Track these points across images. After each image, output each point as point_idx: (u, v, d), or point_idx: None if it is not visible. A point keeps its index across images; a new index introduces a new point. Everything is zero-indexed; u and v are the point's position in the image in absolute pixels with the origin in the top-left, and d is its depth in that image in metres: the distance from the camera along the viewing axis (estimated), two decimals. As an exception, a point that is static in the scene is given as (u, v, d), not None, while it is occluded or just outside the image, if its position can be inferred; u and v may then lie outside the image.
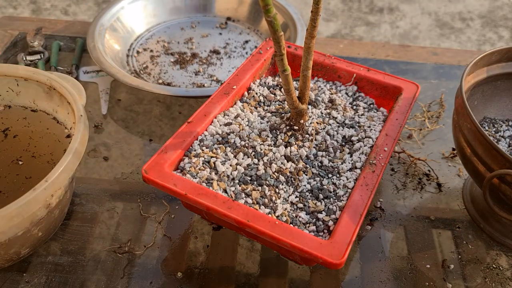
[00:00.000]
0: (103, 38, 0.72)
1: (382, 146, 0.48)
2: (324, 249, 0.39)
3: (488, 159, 0.45)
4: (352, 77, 0.58)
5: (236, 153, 0.49)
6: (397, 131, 0.50)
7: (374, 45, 0.81)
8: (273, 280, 0.48)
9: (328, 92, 0.58)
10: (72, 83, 0.53)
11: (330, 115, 0.55)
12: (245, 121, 0.53)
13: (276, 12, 0.39)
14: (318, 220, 0.44)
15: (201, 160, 0.48)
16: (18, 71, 0.53)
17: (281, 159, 0.48)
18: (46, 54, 0.74)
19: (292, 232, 0.40)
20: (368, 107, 0.57)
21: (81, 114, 0.48)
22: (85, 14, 1.74)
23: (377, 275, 0.49)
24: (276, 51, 0.43)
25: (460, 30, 1.76)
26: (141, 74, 0.72)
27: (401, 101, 0.54)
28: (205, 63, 0.75)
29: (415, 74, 0.75)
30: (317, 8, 0.42)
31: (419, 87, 0.56)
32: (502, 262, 0.51)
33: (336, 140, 0.51)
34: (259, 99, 0.57)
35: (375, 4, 1.82)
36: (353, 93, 0.58)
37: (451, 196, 0.57)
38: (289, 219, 0.44)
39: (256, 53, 0.60)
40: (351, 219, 0.41)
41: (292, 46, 0.62)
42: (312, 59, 0.47)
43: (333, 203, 0.45)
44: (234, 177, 0.46)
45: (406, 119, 0.52)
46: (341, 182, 0.47)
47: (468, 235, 0.53)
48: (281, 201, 0.45)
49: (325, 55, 0.60)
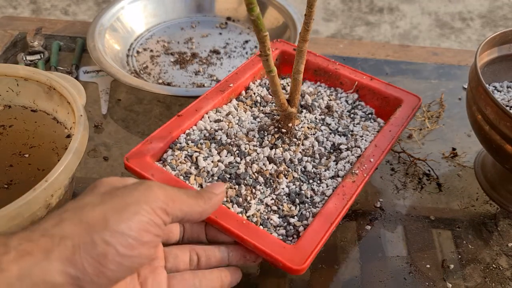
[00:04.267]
0: (103, 38, 0.72)
1: (369, 157, 0.48)
2: (286, 254, 0.38)
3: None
4: (354, 84, 0.58)
5: (220, 150, 0.49)
6: (388, 143, 0.49)
7: (374, 45, 0.81)
8: (273, 280, 0.48)
9: (326, 98, 0.57)
10: (72, 83, 0.53)
11: (324, 121, 0.54)
12: (236, 119, 0.53)
13: (259, 12, 0.39)
14: (289, 224, 0.43)
15: (184, 153, 0.48)
16: (18, 71, 0.53)
17: (263, 160, 0.48)
18: (46, 54, 0.74)
19: (257, 233, 0.40)
20: (366, 116, 0.56)
21: (81, 114, 0.48)
22: (85, 14, 1.74)
23: (377, 275, 0.49)
24: (261, 51, 0.42)
25: (460, 30, 1.76)
26: (141, 74, 0.72)
27: (398, 113, 0.53)
28: (205, 63, 0.75)
29: (415, 74, 0.75)
30: (310, 12, 0.42)
31: (421, 100, 0.54)
32: (502, 262, 0.51)
33: (325, 146, 0.51)
34: (256, 99, 0.57)
35: (375, 4, 1.82)
36: (353, 101, 0.57)
37: (451, 196, 0.57)
38: (259, 220, 0.43)
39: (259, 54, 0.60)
40: (321, 226, 0.41)
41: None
42: (304, 62, 0.46)
43: (307, 209, 0.44)
44: (213, 174, 0.47)
45: (400, 131, 0.51)
46: (320, 189, 0.46)
47: (468, 235, 0.53)
48: (255, 202, 0.45)
49: (329, 61, 0.60)
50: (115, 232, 0.27)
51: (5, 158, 0.52)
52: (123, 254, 0.27)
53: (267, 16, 0.81)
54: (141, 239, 0.28)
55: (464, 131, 0.66)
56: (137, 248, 0.28)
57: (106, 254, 0.26)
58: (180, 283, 0.36)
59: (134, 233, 0.28)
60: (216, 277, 0.38)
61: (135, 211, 0.29)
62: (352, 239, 0.52)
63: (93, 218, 0.27)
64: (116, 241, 0.27)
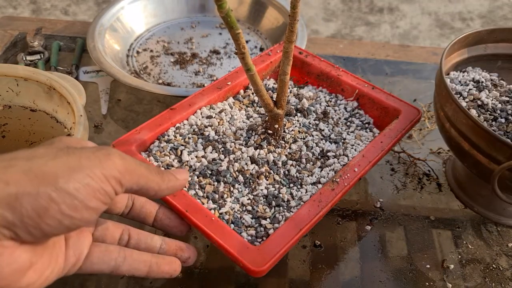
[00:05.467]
0: (103, 38, 0.72)
1: (353, 166, 0.46)
2: (248, 254, 0.38)
3: (492, 152, 0.45)
4: (354, 92, 0.57)
5: (206, 146, 0.49)
6: (377, 154, 0.47)
7: (374, 45, 0.81)
8: (273, 280, 0.48)
9: (324, 103, 0.57)
10: (72, 83, 0.53)
11: (317, 127, 0.53)
12: (228, 117, 0.53)
13: (229, 8, 0.38)
14: (260, 226, 0.43)
15: (170, 146, 0.49)
16: (18, 71, 0.53)
17: (246, 159, 0.48)
18: (46, 54, 0.74)
19: (224, 231, 0.40)
20: (362, 125, 0.55)
21: (81, 114, 0.48)
22: (85, 14, 1.74)
23: (377, 275, 0.49)
24: (236, 49, 0.42)
25: (460, 30, 1.76)
26: (141, 74, 0.72)
27: (394, 125, 0.51)
28: (205, 63, 0.75)
29: (415, 74, 0.75)
30: (294, 13, 0.41)
31: (421, 113, 0.52)
32: (502, 262, 0.51)
33: (313, 152, 0.50)
34: (254, 99, 0.57)
35: (375, 4, 1.82)
36: (352, 109, 0.56)
37: (451, 196, 0.57)
38: (231, 218, 0.43)
39: (265, 54, 0.60)
40: (289, 231, 0.40)
41: (304, 52, 0.61)
42: (290, 64, 0.45)
43: (282, 212, 0.44)
44: (195, 168, 0.47)
45: (393, 144, 0.49)
46: (298, 193, 0.46)
47: (468, 235, 0.53)
48: (231, 200, 0.45)
49: (333, 66, 0.59)
50: (62, 191, 0.27)
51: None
52: (65, 213, 0.27)
53: (267, 16, 0.81)
54: (87, 203, 0.28)
55: (464, 131, 0.66)
56: (80, 211, 0.28)
57: (47, 209, 0.26)
58: (102, 253, 0.35)
59: (81, 196, 0.28)
60: (145, 260, 0.37)
61: (87, 175, 0.28)
62: (352, 239, 0.52)
63: (42, 171, 0.27)
64: (61, 200, 0.27)
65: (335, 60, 0.77)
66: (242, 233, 0.42)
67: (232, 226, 0.43)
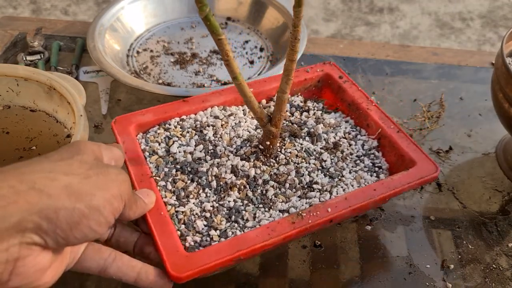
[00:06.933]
0: (103, 38, 0.72)
1: (328, 206, 0.42)
2: (175, 258, 0.37)
3: None
4: (377, 131, 0.52)
5: (198, 144, 0.49)
6: (361, 202, 0.43)
7: (374, 45, 0.81)
8: (273, 280, 0.48)
9: (341, 135, 0.52)
10: (72, 83, 0.53)
11: (320, 156, 0.49)
12: (234, 122, 0.52)
13: (209, 11, 0.36)
14: (209, 235, 0.42)
15: (165, 134, 0.49)
16: (18, 71, 0.53)
17: (228, 167, 0.46)
18: (46, 54, 0.74)
19: (165, 228, 0.40)
20: (371, 168, 0.49)
21: (81, 114, 0.48)
22: (85, 14, 1.74)
23: (377, 275, 0.49)
24: (221, 55, 0.40)
25: (460, 30, 1.76)
26: (141, 74, 0.72)
27: (399, 176, 0.46)
28: (205, 63, 0.75)
29: (415, 74, 0.75)
30: (296, 32, 0.39)
31: (438, 171, 0.46)
32: (502, 262, 0.51)
33: (301, 180, 0.46)
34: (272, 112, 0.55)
35: (375, 4, 1.82)
36: (369, 148, 0.51)
37: (451, 196, 0.57)
38: (184, 219, 0.43)
39: (302, 69, 0.57)
40: (226, 249, 0.38)
41: (344, 77, 0.57)
42: (290, 83, 0.43)
43: (234, 229, 0.42)
44: (178, 162, 0.47)
45: (388, 196, 0.44)
46: (262, 216, 0.43)
47: (468, 235, 0.53)
48: (195, 202, 0.44)
49: (367, 98, 0.54)
50: (93, 208, 0.31)
51: (5, 158, 0.52)
52: (92, 228, 0.31)
53: (267, 16, 0.81)
54: (109, 220, 0.32)
55: (464, 131, 0.66)
56: (103, 226, 0.32)
57: (78, 223, 0.30)
58: (94, 252, 0.37)
59: (106, 213, 0.32)
60: (134, 266, 0.37)
61: (111, 195, 0.32)
62: (352, 239, 0.52)
63: (78, 189, 0.30)
64: (92, 216, 0.31)
65: (335, 60, 0.76)
66: (188, 236, 0.41)
67: (182, 226, 0.42)
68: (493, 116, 0.61)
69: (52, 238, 0.29)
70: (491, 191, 0.58)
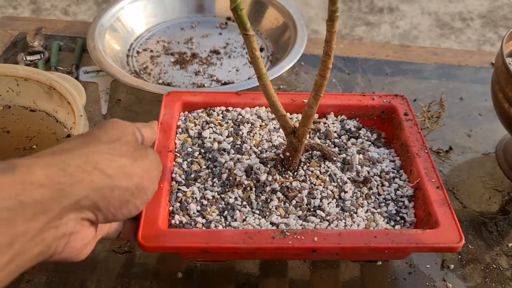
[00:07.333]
0: (103, 38, 0.72)
1: (315, 235, 0.39)
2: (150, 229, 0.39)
3: None
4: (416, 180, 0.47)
5: (229, 136, 0.50)
6: (354, 244, 0.39)
7: (374, 45, 0.81)
8: (273, 280, 0.48)
9: (376, 172, 0.48)
10: (72, 83, 0.53)
11: (342, 186, 0.46)
12: (274, 126, 0.52)
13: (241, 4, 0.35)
14: (195, 221, 0.43)
15: (205, 118, 0.52)
16: (18, 71, 0.53)
17: (244, 165, 0.46)
18: (46, 54, 0.74)
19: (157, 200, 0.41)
20: (392, 217, 0.45)
21: (81, 114, 0.48)
22: (85, 14, 1.74)
23: (377, 275, 0.49)
24: (248, 51, 0.39)
25: (460, 30, 1.76)
26: (141, 74, 0.72)
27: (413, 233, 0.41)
28: (205, 63, 0.75)
29: (415, 74, 0.75)
30: (328, 47, 0.37)
31: (462, 242, 0.40)
32: (502, 262, 0.51)
33: (310, 202, 0.44)
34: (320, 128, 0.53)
35: (375, 4, 1.82)
36: (401, 195, 0.47)
37: (451, 196, 0.57)
38: (182, 199, 0.44)
39: (368, 95, 0.54)
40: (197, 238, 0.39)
41: (409, 115, 0.52)
42: (319, 100, 0.41)
43: (219, 222, 0.43)
44: (204, 147, 0.49)
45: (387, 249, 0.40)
46: (252, 222, 0.43)
47: (468, 235, 0.53)
48: (200, 187, 0.45)
49: (422, 144, 0.49)
50: (141, 188, 0.34)
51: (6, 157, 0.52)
52: (137, 206, 0.34)
53: (267, 16, 0.81)
54: (150, 198, 0.36)
55: (464, 131, 0.66)
56: (144, 204, 0.35)
57: (128, 202, 0.33)
58: None
59: (149, 194, 0.35)
60: None
61: (154, 177, 0.36)
62: (352, 239, 0.52)
63: (130, 170, 0.33)
64: (139, 196, 0.34)
65: (335, 60, 0.76)
66: (177, 215, 0.43)
67: (177, 204, 0.44)
68: (493, 116, 0.61)
69: (103, 214, 0.32)
70: (491, 191, 0.58)
